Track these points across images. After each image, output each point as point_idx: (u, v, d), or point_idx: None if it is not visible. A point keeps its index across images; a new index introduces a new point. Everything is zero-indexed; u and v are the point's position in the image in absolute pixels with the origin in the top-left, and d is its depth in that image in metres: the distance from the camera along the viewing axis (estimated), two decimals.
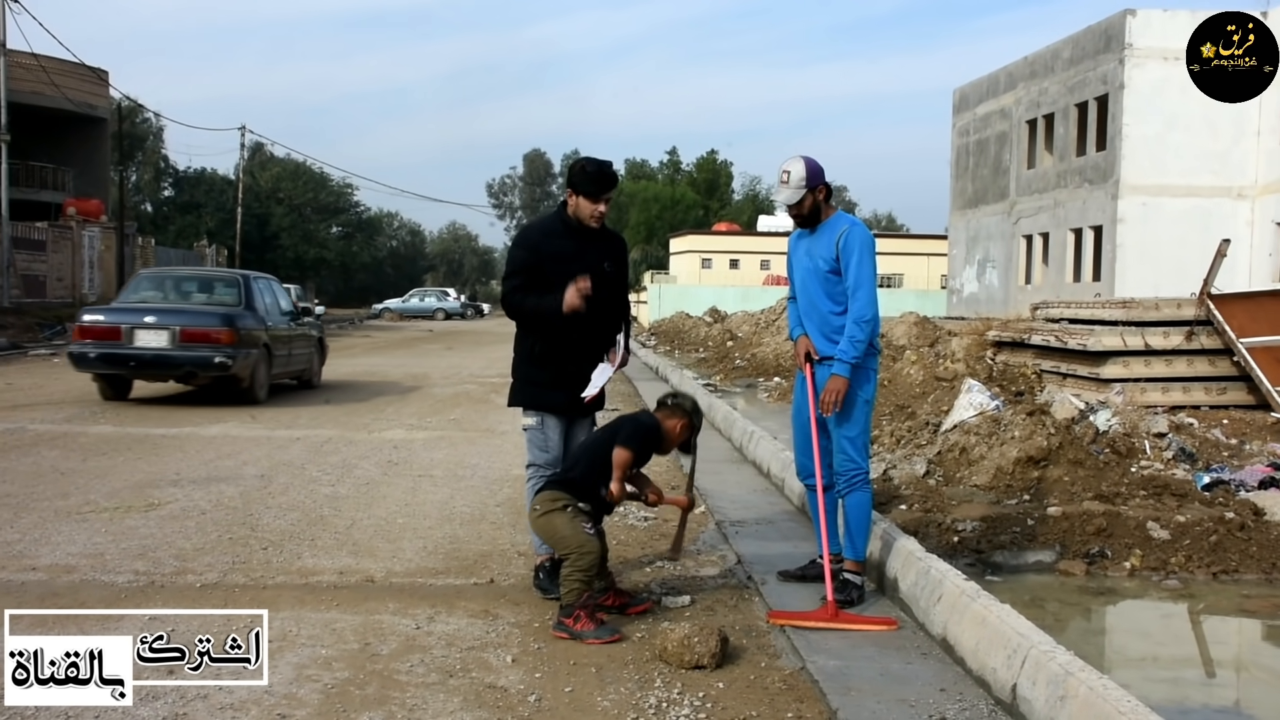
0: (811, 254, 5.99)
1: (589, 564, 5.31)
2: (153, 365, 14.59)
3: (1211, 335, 13.04)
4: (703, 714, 4.31)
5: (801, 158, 5.92)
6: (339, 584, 6.09)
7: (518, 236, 6.31)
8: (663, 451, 5.85)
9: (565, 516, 5.42)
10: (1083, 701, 3.85)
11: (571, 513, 5.43)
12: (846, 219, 5.99)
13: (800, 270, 6.10)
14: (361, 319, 61.87)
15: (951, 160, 42.84)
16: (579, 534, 5.36)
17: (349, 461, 10.20)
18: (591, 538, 5.40)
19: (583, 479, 5.52)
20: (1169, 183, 30.43)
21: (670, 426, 5.71)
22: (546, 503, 5.50)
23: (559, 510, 5.44)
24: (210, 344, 14.40)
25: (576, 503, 5.46)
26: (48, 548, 6.72)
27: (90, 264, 43.41)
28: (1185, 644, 6.17)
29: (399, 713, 4.27)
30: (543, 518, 5.49)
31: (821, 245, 5.93)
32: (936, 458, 9.05)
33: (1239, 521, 7.19)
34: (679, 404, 5.81)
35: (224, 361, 14.33)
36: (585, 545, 5.34)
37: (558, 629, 5.26)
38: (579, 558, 5.30)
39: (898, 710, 4.39)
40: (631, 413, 6.10)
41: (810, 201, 5.92)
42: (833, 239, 5.88)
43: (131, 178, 71.33)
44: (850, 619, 5.54)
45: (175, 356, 14.43)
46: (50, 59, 42.27)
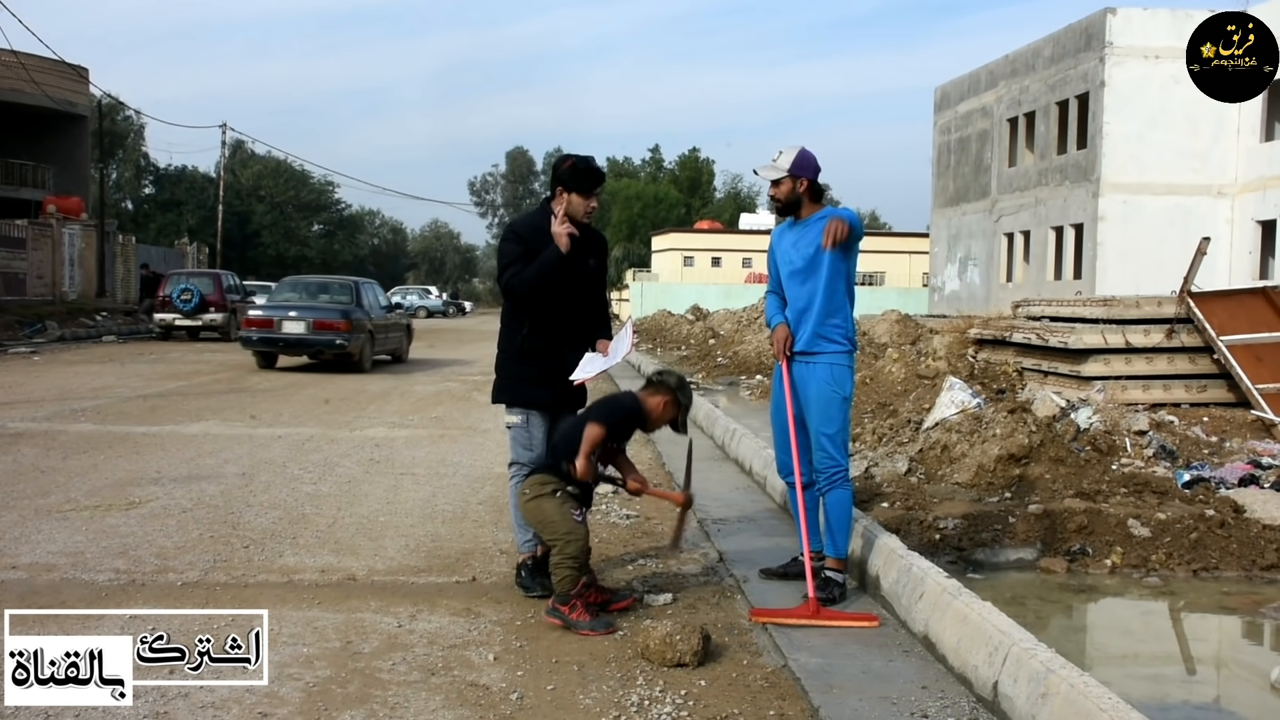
0: (799, 245, 5.98)
1: (576, 550, 5.31)
2: (294, 345, 20.86)
3: (1192, 333, 13.10)
4: (685, 712, 4.31)
5: (801, 147, 5.97)
6: (320, 582, 6.07)
7: (506, 232, 6.28)
8: (647, 430, 5.81)
9: (554, 502, 5.40)
10: (1064, 699, 3.86)
11: (561, 498, 5.41)
12: (838, 211, 5.99)
13: (785, 265, 6.09)
14: None
15: (933, 158, 42.96)
16: (567, 520, 5.35)
17: (331, 460, 10.18)
18: (579, 525, 5.37)
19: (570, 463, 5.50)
20: (1149, 181, 30.57)
21: (653, 405, 5.66)
22: (536, 487, 5.48)
23: (548, 495, 5.42)
24: (333, 330, 20.53)
25: (565, 487, 5.44)
26: (28, 546, 6.68)
27: (71, 262, 43.14)
28: (1166, 641, 6.20)
29: (381, 711, 4.26)
30: (532, 502, 5.48)
31: (810, 237, 5.92)
32: (918, 455, 9.07)
33: (1219, 519, 7.22)
34: (663, 380, 5.75)
35: (342, 343, 20.48)
36: (573, 532, 5.33)
37: (551, 615, 5.29)
38: (566, 544, 5.31)
39: (879, 708, 4.40)
40: (613, 393, 6.05)
41: (789, 187, 5.93)
42: (822, 225, 5.86)
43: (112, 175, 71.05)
44: (832, 616, 5.54)
45: (309, 339, 20.64)
46: (30, 56, 42.03)
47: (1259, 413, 11.85)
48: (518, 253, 5.96)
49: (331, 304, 21.48)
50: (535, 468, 5.69)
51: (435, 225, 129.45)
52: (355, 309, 21.33)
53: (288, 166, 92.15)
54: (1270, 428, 11.22)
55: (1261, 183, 29.85)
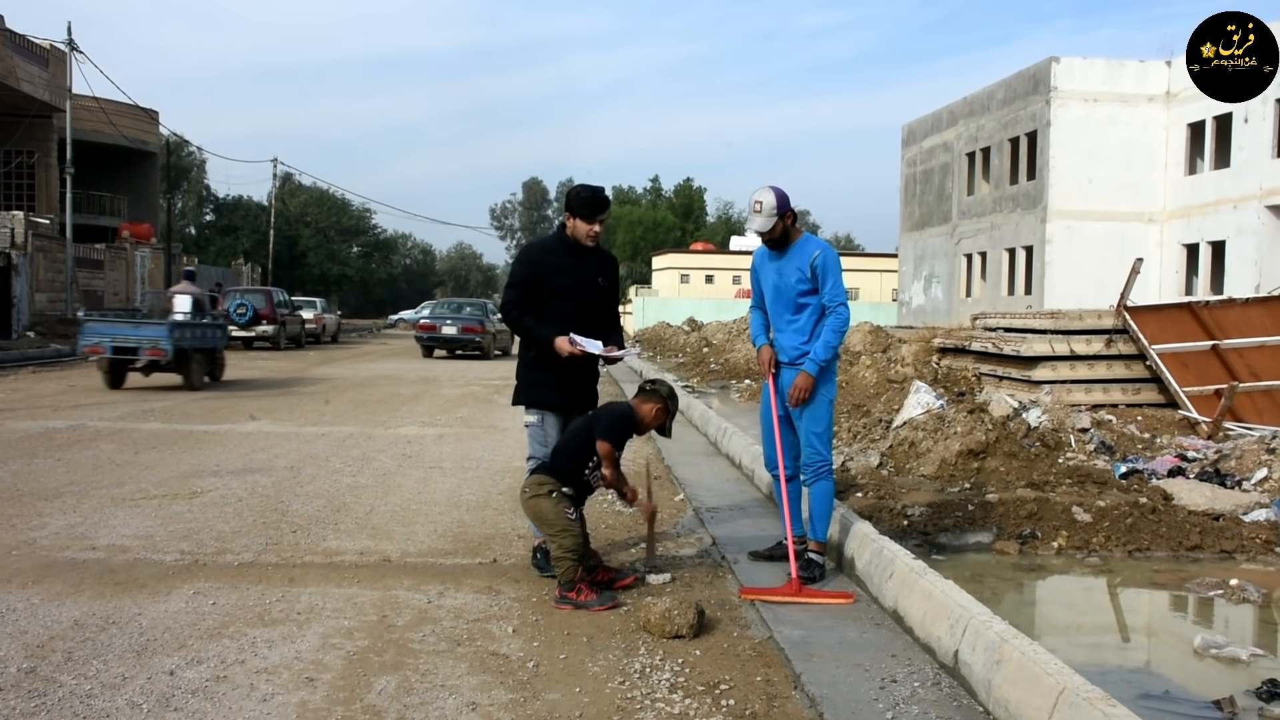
0: (783, 273, 5.93)
1: (572, 544, 5.28)
2: (449, 342, 28.98)
3: (1127, 342, 13.07)
4: (681, 678, 4.30)
5: (771, 188, 5.85)
6: (359, 563, 6.06)
7: (520, 253, 6.30)
8: (640, 432, 5.77)
9: (550, 501, 5.37)
10: (1015, 665, 3.85)
11: (556, 498, 5.37)
12: (815, 242, 5.94)
13: (770, 288, 6.06)
14: (379, 328, 61.74)
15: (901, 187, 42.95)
16: (561, 518, 5.31)
17: (368, 455, 10.17)
18: (573, 522, 5.34)
19: (567, 466, 5.47)
20: (1090, 208, 30.61)
21: (646, 411, 5.64)
22: (534, 486, 5.45)
23: (545, 495, 5.38)
24: (473, 333, 28.89)
25: (561, 488, 5.40)
26: (105, 530, 6.69)
27: (142, 280, 43.26)
28: (1104, 613, 6.18)
29: (413, 677, 4.25)
30: (531, 500, 5.44)
31: (793, 265, 5.88)
32: (888, 451, 9.06)
33: (1151, 506, 7.22)
34: (655, 389, 5.73)
35: (479, 341, 28.99)
36: (568, 528, 5.30)
37: (560, 603, 5.24)
38: (562, 538, 5.29)
39: (854, 674, 4.39)
40: (608, 403, 6.02)
41: (780, 227, 5.87)
42: (806, 260, 5.82)
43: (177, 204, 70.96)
44: (812, 594, 5.52)
45: (458, 338, 29.00)
46: (108, 101, 42.24)
47: (1185, 412, 11.83)
48: (524, 276, 5.98)
49: (470, 315, 30.23)
50: (534, 469, 5.66)
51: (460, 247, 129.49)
52: (485, 318, 29.92)
53: (331, 195, 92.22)
54: (1195, 426, 11.19)
55: (1186, 210, 29.87)
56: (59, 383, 18.11)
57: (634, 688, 4.19)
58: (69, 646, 4.49)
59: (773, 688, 4.24)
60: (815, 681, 4.27)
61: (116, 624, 4.82)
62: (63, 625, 4.78)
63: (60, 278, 35.62)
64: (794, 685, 4.28)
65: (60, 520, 6.96)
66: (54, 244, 36.08)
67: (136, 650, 4.47)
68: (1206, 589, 6.09)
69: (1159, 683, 4.82)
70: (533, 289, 5.92)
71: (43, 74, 38.17)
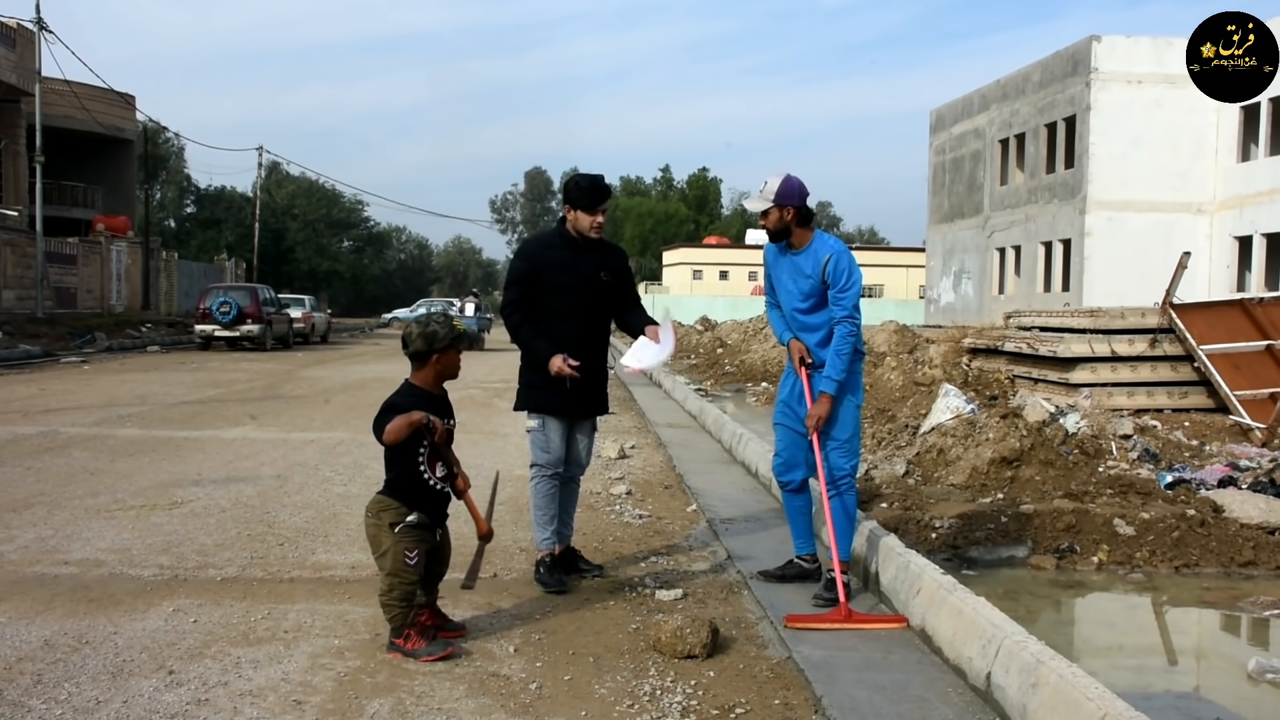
0: (795, 275, 5.89)
1: (403, 595, 4.77)
2: None
3: (1173, 342, 13.05)
4: (694, 701, 4.30)
5: (786, 175, 5.82)
6: (351, 578, 6.08)
7: (519, 249, 6.32)
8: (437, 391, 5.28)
9: (391, 537, 4.80)
10: (1053, 688, 3.84)
11: (400, 534, 4.79)
12: (830, 244, 5.83)
13: (783, 290, 6.01)
14: (372, 328, 61.78)
15: (929, 177, 42.92)
16: (399, 562, 4.76)
17: (360, 462, 10.18)
18: (410, 569, 4.78)
19: (397, 479, 4.93)
20: (1133, 198, 30.53)
21: (423, 377, 5.20)
22: (377, 511, 4.88)
23: (386, 528, 4.82)
24: None
25: (406, 517, 4.82)
26: (79, 543, 6.71)
27: (118, 277, 43.37)
28: (1149, 634, 6.17)
29: (407, 700, 4.25)
30: (373, 524, 4.88)
31: (807, 267, 5.82)
32: (915, 458, 9.05)
33: (1199, 518, 7.20)
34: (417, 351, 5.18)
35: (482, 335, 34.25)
36: (401, 575, 4.76)
37: (390, 650, 4.80)
38: (392, 587, 4.77)
39: (878, 697, 4.38)
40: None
41: (776, 217, 5.79)
42: (818, 262, 5.75)
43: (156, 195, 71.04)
44: (863, 619, 5.39)
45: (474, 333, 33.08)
46: (81, 85, 42.25)
47: (1237, 418, 11.80)
48: (523, 273, 6.01)
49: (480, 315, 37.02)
50: (382, 489, 4.97)
51: (458, 241, 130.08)
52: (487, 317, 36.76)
53: (320, 186, 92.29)
54: (1247, 432, 11.17)
55: (1238, 200, 29.77)
56: (29, 386, 18.16)
57: (643, 711, 4.19)
58: (39, 668, 4.51)
59: (792, 711, 4.24)
60: (837, 705, 4.27)
61: (90, 644, 4.83)
62: (32, 646, 4.79)
63: (30, 274, 35.73)
64: (814, 709, 4.28)
65: (30, 533, 6.98)
66: (23, 237, 36.22)
67: (112, 672, 4.48)
68: (1261, 608, 6.08)
69: (1209, 709, 4.81)
70: (532, 287, 5.94)
71: (9, 55, 38.20)
